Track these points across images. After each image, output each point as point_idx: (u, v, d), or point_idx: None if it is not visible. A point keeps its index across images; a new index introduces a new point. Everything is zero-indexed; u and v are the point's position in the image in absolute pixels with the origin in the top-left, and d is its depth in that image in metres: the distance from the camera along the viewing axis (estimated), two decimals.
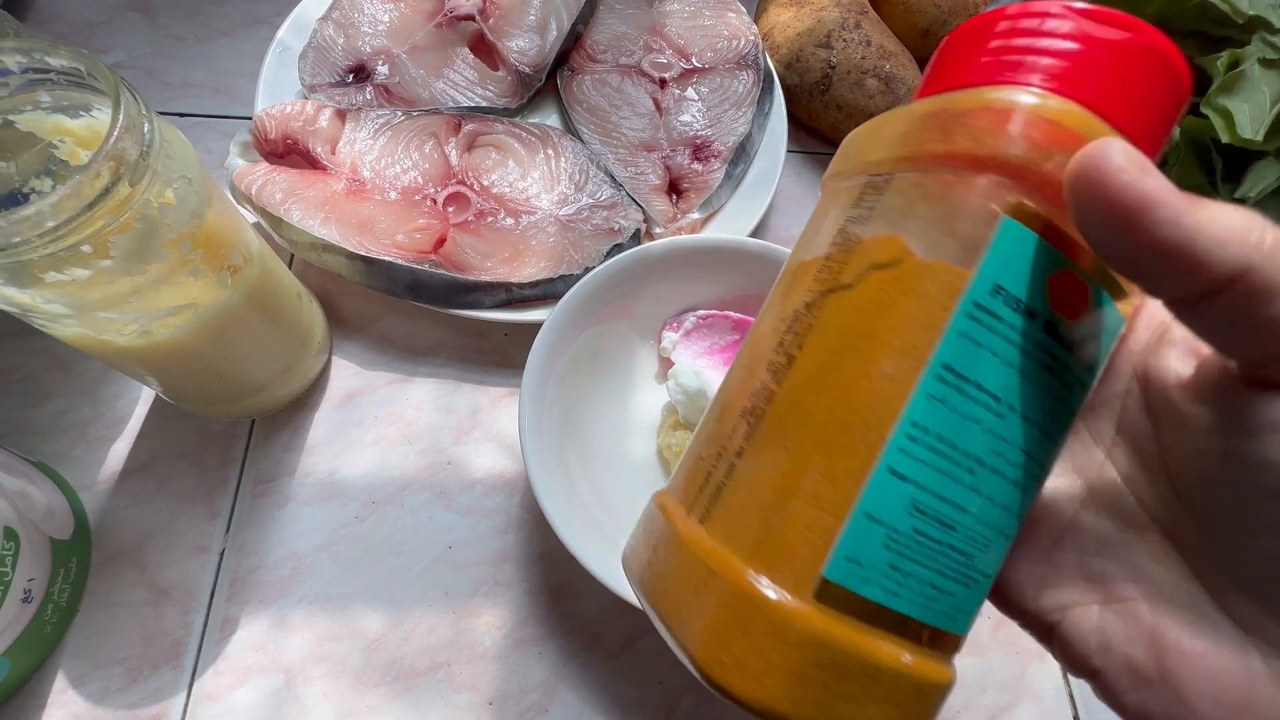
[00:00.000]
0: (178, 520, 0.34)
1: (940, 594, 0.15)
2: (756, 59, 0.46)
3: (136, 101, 0.23)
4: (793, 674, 0.14)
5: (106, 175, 0.21)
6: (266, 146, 0.39)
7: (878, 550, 0.14)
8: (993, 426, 0.15)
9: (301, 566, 0.34)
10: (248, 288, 0.29)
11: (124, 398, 0.36)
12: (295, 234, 0.36)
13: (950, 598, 0.15)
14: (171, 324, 0.27)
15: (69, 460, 0.34)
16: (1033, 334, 0.15)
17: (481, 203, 0.39)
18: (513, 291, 0.37)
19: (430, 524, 0.35)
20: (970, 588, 0.15)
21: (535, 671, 0.32)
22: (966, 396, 0.14)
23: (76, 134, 0.26)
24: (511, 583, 0.34)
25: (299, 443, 0.36)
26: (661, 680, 0.33)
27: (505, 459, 0.37)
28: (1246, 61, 0.37)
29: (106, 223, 0.22)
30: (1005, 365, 0.15)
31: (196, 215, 0.25)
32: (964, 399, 0.14)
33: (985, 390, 0.15)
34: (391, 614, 0.33)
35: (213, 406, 0.34)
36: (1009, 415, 0.15)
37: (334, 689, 0.31)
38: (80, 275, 0.22)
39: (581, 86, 0.45)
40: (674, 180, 0.43)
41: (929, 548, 0.15)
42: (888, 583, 0.15)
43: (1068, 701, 0.34)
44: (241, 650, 0.32)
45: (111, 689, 0.30)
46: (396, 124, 0.40)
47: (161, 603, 0.32)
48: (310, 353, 0.36)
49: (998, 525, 0.15)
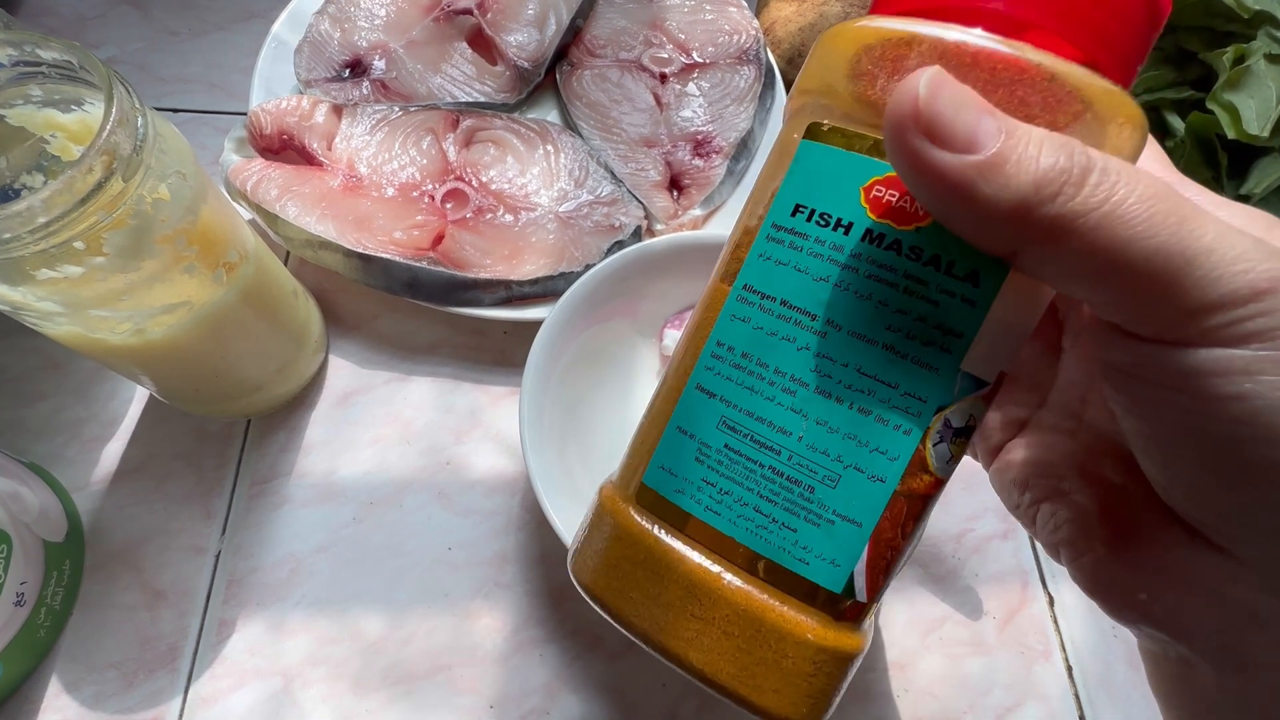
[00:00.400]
0: (173, 522, 0.33)
1: (772, 524, 0.14)
2: (758, 54, 0.45)
3: (130, 95, 0.22)
4: (612, 566, 0.16)
5: (99, 170, 0.21)
6: (262, 142, 0.38)
7: (689, 464, 0.15)
8: (811, 344, 0.14)
9: (299, 568, 0.33)
10: (243, 285, 0.29)
11: (117, 397, 0.35)
12: (291, 231, 0.36)
13: (789, 532, 0.14)
14: (166, 322, 0.26)
15: (62, 461, 0.34)
16: (852, 246, 0.14)
17: (480, 199, 0.39)
18: (512, 289, 0.37)
19: (429, 525, 0.35)
20: (821, 527, 0.14)
21: (537, 674, 0.32)
22: (771, 314, 0.15)
23: (68, 129, 0.25)
24: (512, 584, 0.34)
25: (296, 443, 0.36)
26: (664, 683, 0.32)
27: (505, 459, 0.37)
28: (1252, 57, 0.37)
29: (99, 218, 0.21)
30: (817, 281, 0.14)
31: (191, 211, 0.25)
32: (768, 317, 0.15)
33: (793, 307, 0.14)
34: (391, 616, 0.32)
35: (208, 406, 0.33)
36: (833, 333, 0.14)
37: (333, 692, 0.31)
38: (73, 272, 0.22)
39: (581, 82, 0.44)
40: (675, 176, 0.43)
41: (744, 466, 0.15)
42: (703, 497, 0.15)
43: (1073, 701, 0.34)
44: (238, 653, 0.31)
45: (106, 693, 0.30)
46: (394, 119, 0.40)
47: (157, 605, 0.32)
48: (307, 351, 0.35)
49: (850, 459, 0.14)
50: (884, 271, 0.14)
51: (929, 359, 0.14)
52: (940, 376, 0.14)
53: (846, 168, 0.14)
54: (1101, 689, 0.34)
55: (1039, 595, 0.36)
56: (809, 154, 0.15)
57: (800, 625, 0.14)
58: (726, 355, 0.15)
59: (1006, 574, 0.36)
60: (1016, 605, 0.36)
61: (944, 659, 0.34)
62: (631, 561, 0.15)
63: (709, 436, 0.15)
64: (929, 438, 0.14)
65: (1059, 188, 0.11)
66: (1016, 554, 0.37)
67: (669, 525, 0.15)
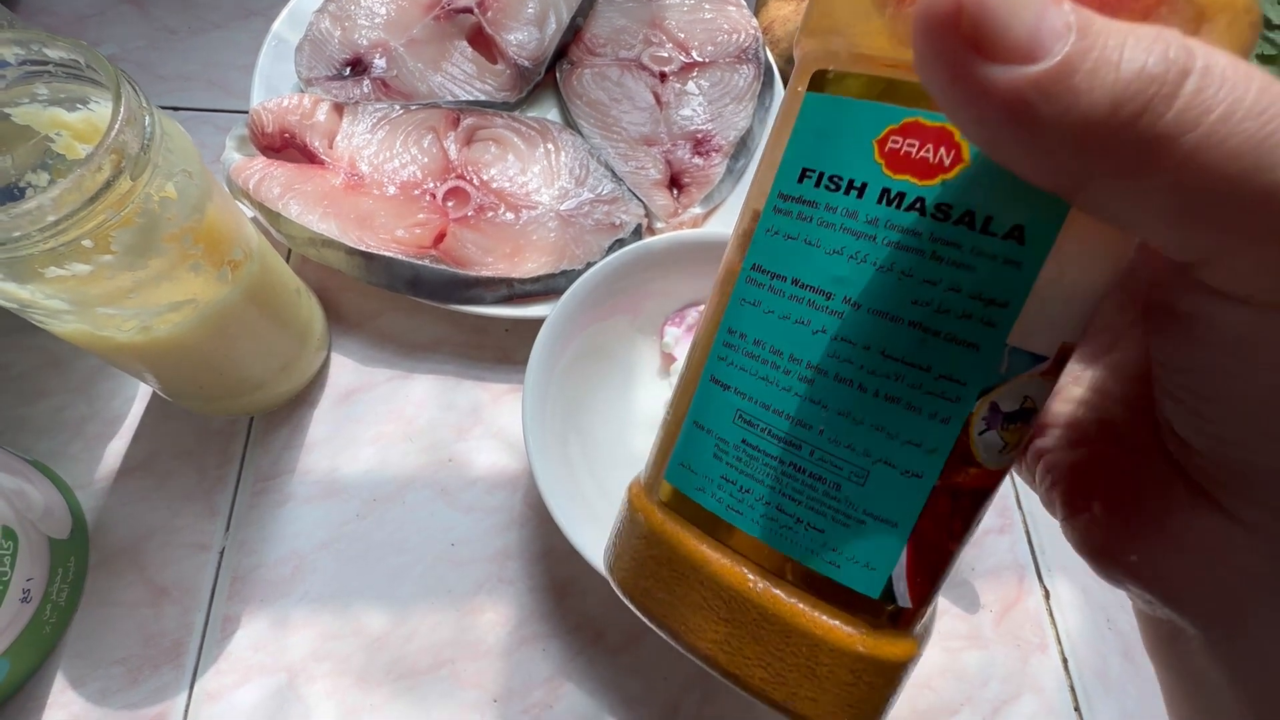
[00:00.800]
0: (177, 519, 0.33)
1: (797, 524, 0.13)
2: (757, 53, 0.46)
3: (137, 94, 0.22)
4: (640, 565, 0.15)
5: (108, 169, 0.21)
6: (263, 141, 0.38)
7: (708, 460, 0.14)
8: (828, 327, 0.12)
9: (302, 565, 0.33)
10: (248, 283, 0.29)
11: (121, 395, 0.36)
12: (294, 229, 0.36)
13: (816, 533, 0.13)
14: (171, 320, 0.26)
15: (66, 459, 0.34)
16: (867, 211, 0.12)
17: (481, 197, 0.39)
18: (514, 287, 0.37)
19: (432, 521, 0.35)
20: (850, 528, 0.13)
21: (540, 668, 0.32)
22: (782, 296, 0.13)
23: (74, 127, 0.25)
24: (515, 580, 0.34)
25: (299, 440, 0.36)
26: (666, 676, 0.33)
27: (507, 456, 0.37)
28: None
29: (107, 217, 0.21)
30: (830, 255, 0.12)
31: (197, 210, 0.25)
32: (779, 298, 0.13)
33: (805, 286, 0.13)
34: (394, 612, 0.33)
35: (211, 404, 0.33)
36: (852, 312, 0.12)
37: (337, 688, 0.31)
38: (81, 270, 0.22)
39: (581, 80, 0.44)
40: (675, 175, 0.43)
41: (763, 462, 0.13)
42: (723, 495, 0.14)
43: (1069, 693, 0.34)
44: (243, 649, 0.31)
45: (111, 689, 0.30)
46: (395, 118, 0.40)
47: (161, 602, 0.32)
48: (309, 349, 0.35)
49: (879, 452, 0.13)
50: (906, 236, 0.12)
51: (967, 335, 0.12)
52: (982, 355, 0.12)
53: (856, 119, 0.12)
54: (1096, 681, 0.35)
55: (1035, 589, 0.36)
56: (814, 108, 0.13)
57: (833, 631, 0.13)
58: (738, 343, 0.14)
59: (1003, 568, 0.37)
60: (1013, 599, 0.36)
61: (941, 652, 0.34)
62: (657, 561, 0.15)
63: (725, 431, 0.14)
64: (972, 425, 0.12)
65: (1146, 100, 0.08)
66: (1013, 549, 0.37)
67: (692, 524, 0.15)
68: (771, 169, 0.14)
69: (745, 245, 0.14)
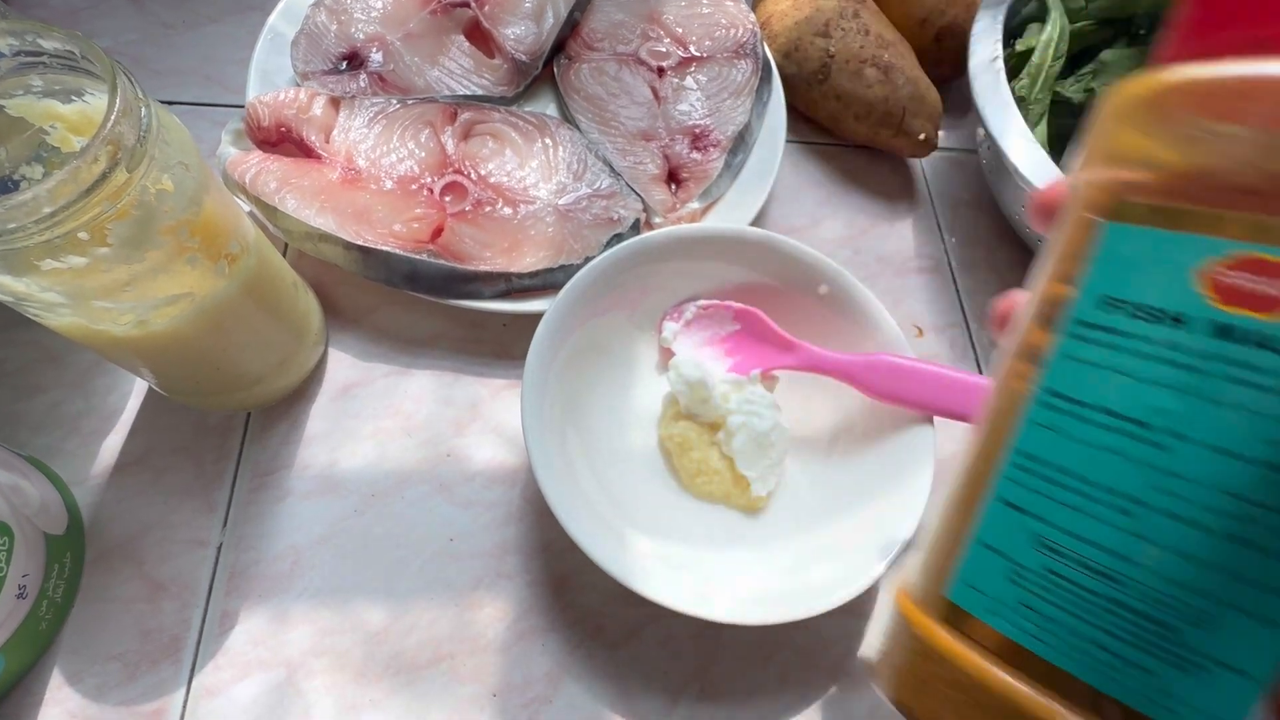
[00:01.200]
0: (173, 514, 0.33)
1: (1118, 661, 0.12)
2: (755, 48, 0.46)
3: (133, 86, 0.22)
4: (921, 683, 0.15)
5: (104, 160, 0.21)
6: (259, 135, 0.38)
7: (1002, 583, 0.14)
8: (1148, 458, 0.12)
9: (301, 560, 0.33)
10: (245, 277, 0.29)
11: (117, 390, 0.35)
12: (291, 223, 0.35)
13: (1144, 674, 0.12)
14: (168, 314, 0.26)
15: (61, 454, 0.34)
16: (1192, 343, 0.12)
17: (479, 192, 0.39)
18: (512, 282, 0.37)
19: (431, 516, 0.35)
20: (1189, 674, 0.12)
21: (539, 663, 0.32)
22: (1090, 424, 0.13)
23: (68, 119, 0.25)
24: (514, 574, 0.34)
25: (296, 435, 0.36)
26: (665, 670, 0.33)
27: (506, 451, 0.37)
28: None
29: (104, 209, 0.21)
30: (1148, 385, 0.12)
31: (194, 202, 0.25)
32: (1087, 426, 0.13)
33: (1118, 415, 0.12)
34: (393, 607, 0.33)
35: (208, 399, 0.33)
36: (1176, 445, 0.12)
37: (336, 683, 0.31)
38: (77, 263, 0.22)
39: (579, 75, 0.44)
40: (673, 169, 0.43)
41: (1074, 594, 0.13)
42: (1024, 622, 0.13)
43: None
44: (241, 645, 0.31)
45: (109, 685, 0.30)
46: (391, 112, 0.40)
47: (158, 597, 0.32)
48: (307, 344, 0.35)
49: (1228, 596, 0.12)
50: (1248, 372, 0.11)
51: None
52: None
53: (1173, 251, 0.12)
54: None
55: None
56: (1119, 238, 0.13)
57: None
58: (1036, 468, 0.13)
59: None
60: None
61: None
62: (943, 681, 0.14)
63: (1024, 557, 0.13)
64: None
65: None
66: None
67: (984, 648, 0.14)
68: (1058, 290, 0.13)
69: (1031, 367, 0.14)
